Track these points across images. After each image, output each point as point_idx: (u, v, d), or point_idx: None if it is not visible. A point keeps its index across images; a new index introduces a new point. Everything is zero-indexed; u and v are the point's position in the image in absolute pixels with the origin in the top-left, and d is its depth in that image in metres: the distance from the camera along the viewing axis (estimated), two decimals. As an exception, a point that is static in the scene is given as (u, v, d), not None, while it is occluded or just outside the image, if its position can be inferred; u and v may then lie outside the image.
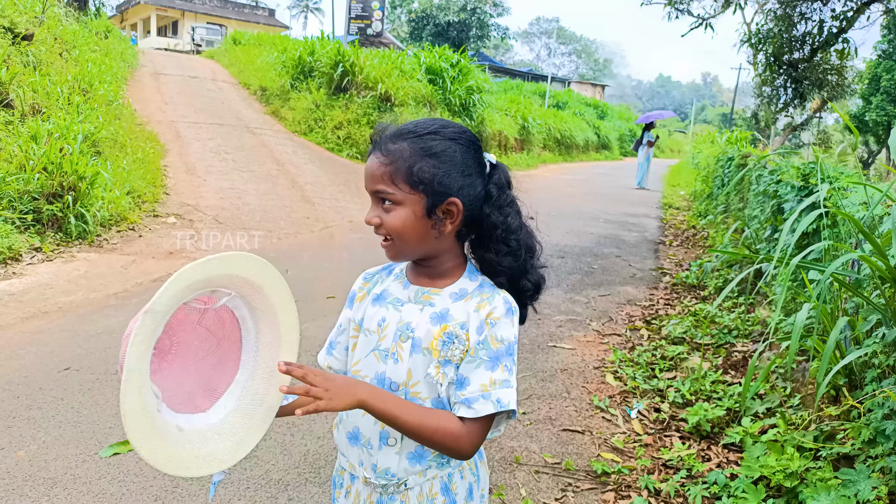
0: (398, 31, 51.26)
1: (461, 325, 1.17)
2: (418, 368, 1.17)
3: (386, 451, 1.20)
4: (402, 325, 1.19)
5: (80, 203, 6.13)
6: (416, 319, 1.19)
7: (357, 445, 1.23)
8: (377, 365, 1.21)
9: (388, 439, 1.20)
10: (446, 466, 1.24)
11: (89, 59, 11.10)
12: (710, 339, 4.36)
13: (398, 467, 1.20)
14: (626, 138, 34.39)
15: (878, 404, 2.22)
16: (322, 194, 9.46)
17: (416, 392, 1.18)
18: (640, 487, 2.66)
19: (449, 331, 1.16)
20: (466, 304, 1.19)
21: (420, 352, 1.17)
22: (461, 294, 1.20)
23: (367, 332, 1.23)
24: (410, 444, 1.19)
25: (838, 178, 3.61)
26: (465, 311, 1.18)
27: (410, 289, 1.23)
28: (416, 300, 1.21)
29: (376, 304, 1.24)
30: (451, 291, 1.21)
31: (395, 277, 1.27)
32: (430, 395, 1.18)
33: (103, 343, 3.81)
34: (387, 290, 1.25)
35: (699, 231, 9.21)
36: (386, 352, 1.20)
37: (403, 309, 1.21)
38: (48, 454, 2.64)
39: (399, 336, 1.19)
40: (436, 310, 1.19)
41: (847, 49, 14.74)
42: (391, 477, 1.21)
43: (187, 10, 40.95)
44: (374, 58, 14.70)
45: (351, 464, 1.25)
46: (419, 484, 1.22)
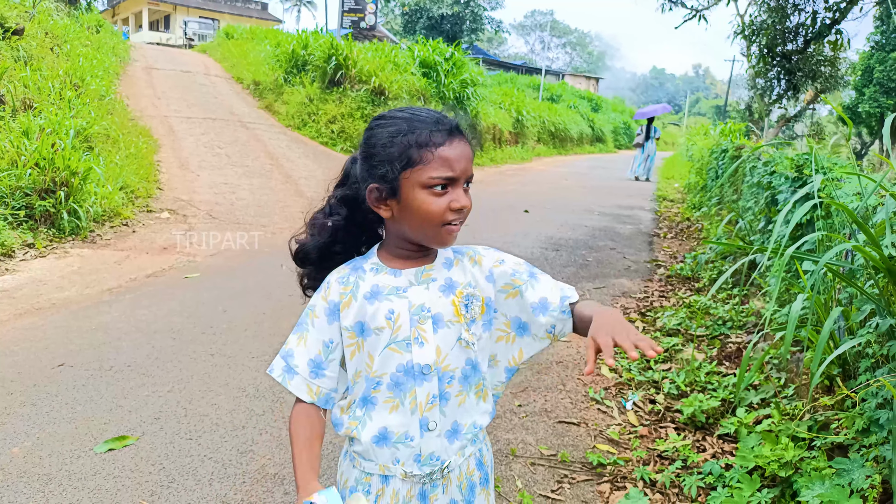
0: (392, 24, 51.06)
1: (469, 285, 1.26)
2: (446, 342, 1.21)
3: (427, 437, 1.22)
4: (416, 309, 1.20)
5: (73, 199, 6.09)
6: (427, 298, 1.21)
7: (388, 445, 1.22)
8: (398, 357, 1.20)
9: (429, 424, 1.22)
10: (478, 442, 1.30)
11: (81, 53, 11.03)
12: (704, 330, 4.37)
13: (441, 448, 1.23)
14: (620, 131, 34.42)
15: (872, 394, 2.22)
16: (316, 189, 9.43)
17: (446, 366, 1.22)
18: (636, 478, 2.67)
19: (465, 294, 1.24)
20: (459, 266, 1.27)
21: (444, 325, 1.21)
22: (448, 262, 1.27)
23: (377, 331, 1.20)
24: (447, 423, 1.23)
25: (832, 169, 3.61)
26: (464, 273, 1.27)
27: (404, 274, 1.23)
28: (419, 281, 1.23)
29: (373, 300, 1.21)
30: (440, 263, 1.26)
31: (373, 272, 1.24)
32: (459, 365, 1.23)
33: (97, 339, 3.79)
34: (377, 286, 1.22)
35: (693, 223, 9.22)
36: (406, 340, 1.20)
37: (409, 294, 1.21)
38: (42, 451, 2.63)
39: (417, 320, 1.20)
40: (440, 283, 1.23)
41: (840, 40, 14.76)
42: (436, 461, 1.23)
43: (179, 4, 40.71)
44: (367, 51, 14.66)
45: (382, 465, 1.23)
46: (458, 465, 1.26)
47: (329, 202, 1.29)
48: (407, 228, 1.20)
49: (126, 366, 3.45)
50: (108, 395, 3.11)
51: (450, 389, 1.23)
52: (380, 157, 1.16)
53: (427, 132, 1.14)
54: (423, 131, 1.14)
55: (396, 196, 1.16)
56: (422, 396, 1.21)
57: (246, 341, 3.91)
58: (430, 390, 1.21)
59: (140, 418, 2.92)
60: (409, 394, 1.21)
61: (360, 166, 1.22)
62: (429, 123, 1.16)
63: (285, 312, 4.43)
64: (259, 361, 3.62)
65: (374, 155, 1.17)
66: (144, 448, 2.69)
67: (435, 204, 1.14)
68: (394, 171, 1.15)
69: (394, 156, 1.14)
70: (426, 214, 1.15)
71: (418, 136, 1.14)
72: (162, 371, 3.43)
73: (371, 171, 1.18)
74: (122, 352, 3.63)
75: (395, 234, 1.24)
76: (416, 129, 1.14)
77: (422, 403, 1.21)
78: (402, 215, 1.18)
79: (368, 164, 1.18)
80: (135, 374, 3.37)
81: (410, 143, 1.14)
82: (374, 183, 1.17)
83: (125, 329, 3.97)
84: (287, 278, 1.16)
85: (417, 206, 1.15)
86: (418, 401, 1.21)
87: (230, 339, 3.92)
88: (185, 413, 3.01)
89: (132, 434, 2.79)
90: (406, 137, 1.14)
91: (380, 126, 1.18)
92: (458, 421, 1.25)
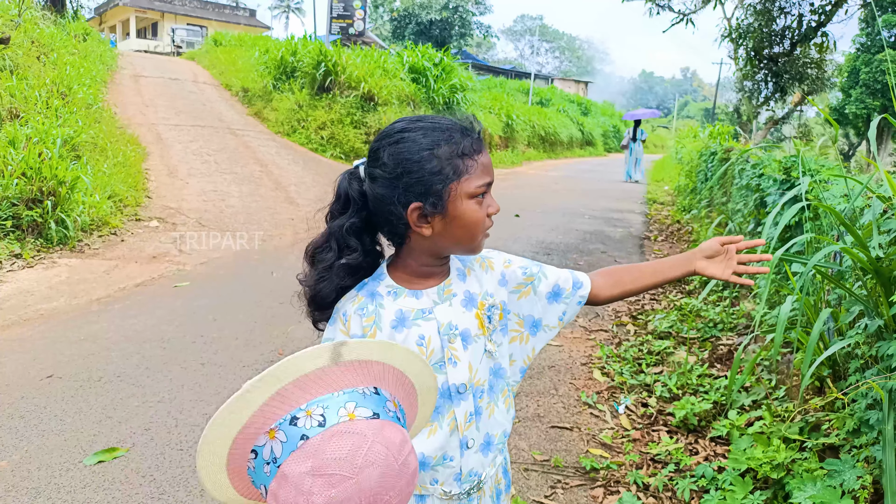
0: (380, 30, 51.12)
1: (488, 294, 1.24)
2: (475, 357, 1.20)
3: (467, 455, 1.21)
4: (445, 329, 1.18)
5: (61, 208, 6.05)
6: (453, 315, 1.19)
7: (426, 469, 1.20)
8: None
9: (468, 442, 1.21)
10: (504, 449, 1.31)
11: (67, 62, 10.97)
12: (695, 332, 4.38)
13: (479, 464, 1.23)
14: (610, 134, 34.56)
15: (862, 395, 2.23)
16: (306, 195, 9.41)
17: (478, 381, 1.21)
18: (629, 482, 2.67)
19: (487, 305, 1.23)
20: (472, 275, 1.25)
21: (472, 341, 1.20)
22: (461, 273, 1.25)
23: None
24: (481, 438, 1.22)
25: (819, 171, 3.64)
26: (479, 282, 1.25)
27: (426, 294, 1.19)
28: (441, 299, 1.20)
29: (400, 327, 1.17)
30: (455, 276, 1.23)
31: (392, 297, 1.18)
32: (486, 377, 1.22)
33: (86, 349, 3.76)
34: (401, 311, 1.17)
35: (683, 225, 9.26)
36: (440, 363, 1.17)
37: (435, 314, 1.18)
38: (31, 464, 2.60)
39: (447, 340, 1.18)
40: (460, 297, 1.21)
41: (826, 43, 14.88)
42: (475, 477, 1.23)
43: (167, 11, 40.62)
44: (356, 57, 14.66)
45: (420, 486, 1.22)
46: (490, 476, 1.26)
47: (335, 236, 1.17)
48: (449, 243, 1.15)
49: (115, 376, 3.42)
50: (98, 407, 3.08)
51: (482, 403, 1.22)
52: (419, 172, 1.08)
53: (468, 141, 1.11)
54: (461, 141, 1.11)
55: (442, 211, 1.10)
56: (461, 416, 1.19)
57: (237, 350, 3.89)
58: (467, 409, 1.20)
59: (130, 429, 2.90)
60: (448, 415, 1.19)
61: (383, 187, 1.11)
62: (460, 132, 1.12)
63: (276, 321, 4.41)
64: (251, 370, 3.60)
65: (410, 172, 1.09)
66: (135, 459, 2.67)
67: (479, 212, 1.12)
68: (443, 185, 1.09)
69: (437, 169, 1.09)
70: (474, 224, 1.13)
71: (461, 147, 1.11)
72: (152, 381, 3.40)
73: (409, 189, 1.09)
74: (112, 362, 3.60)
75: (422, 250, 1.17)
76: (454, 139, 1.11)
77: (461, 423, 1.19)
78: (446, 230, 1.12)
79: (402, 182, 1.09)
80: (124, 384, 3.34)
81: (454, 153, 1.10)
82: (416, 201, 1.09)
83: (114, 339, 3.94)
84: (278, 286, 1.14)
85: (467, 217, 1.11)
86: (458, 421, 1.19)
87: (221, 348, 3.90)
88: (176, 423, 2.98)
89: (122, 445, 2.76)
90: (443, 149, 1.09)
91: (405, 140, 1.10)
92: (489, 433, 1.24)
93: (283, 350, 3.91)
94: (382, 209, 1.13)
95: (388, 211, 1.12)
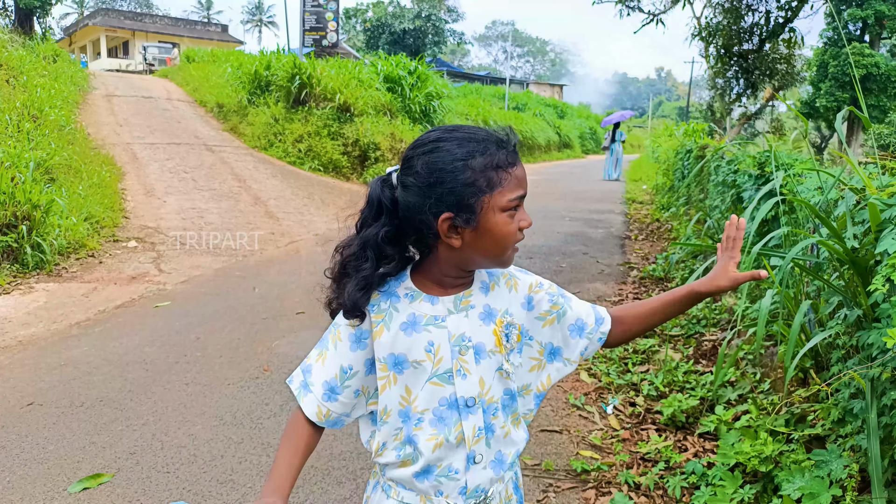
0: (354, 40, 51.15)
1: (507, 313, 1.21)
2: (489, 373, 1.18)
3: (474, 470, 1.19)
4: (456, 339, 1.16)
5: (36, 232, 5.96)
6: (468, 327, 1.17)
7: (430, 479, 1.18)
8: (440, 391, 1.16)
9: (475, 457, 1.19)
10: (515, 465, 1.29)
11: (38, 84, 10.85)
12: (679, 329, 4.41)
13: (487, 480, 1.21)
14: (587, 136, 34.84)
15: (845, 384, 2.26)
16: (286, 209, 9.37)
17: (489, 398, 1.19)
18: (620, 483, 2.67)
19: (505, 322, 1.20)
20: (496, 290, 1.22)
21: (486, 356, 1.17)
22: (485, 285, 1.22)
23: (416, 364, 1.15)
24: (491, 455, 1.21)
25: (793, 165, 3.69)
26: (501, 298, 1.22)
27: (441, 301, 1.17)
28: (457, 308, 1.17)
29: (410, 331, 1.15)
30: (477, 288, 1.20)
31: (408, 299, 1.17)
32: (499, 395, 1.20)
33: (67, 374, 3.70)
34: (414, 314, 1.16)
35: (663, 224, 9.34)
36: (448, 373, 1.15)
37: (448, 323, 1.16)
38: (14, 494, 2.55)
39: (458, 351, 1.16)
40: (478, 310, 1.18)
41: (794, 38, 15.14)
42: (481, 493, 1.21)
43: (138, 29, 40.33)
44: (331, 68, 14.63)
45: (424, 496, 1.20)
46: (498, 491, 1.24)
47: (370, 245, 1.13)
48: (478, 255, 1.13)
49: (98, 401, 3.37)
50: (81, 433, 3.03)
51: (495, 421, 1.20)
52: (452, 183, 1.07)
53: (502, 154, 1.09)
54: (496, 153, 1.09)
55: (474, 223, 1.08)
56: (468, 430, 1.17)
57: (221, 368, 3.84)
58: (476, 423, 1.18)
59: (115, 454, 2.85)
60: (455, 427, 1.16)
61: (415, 195, 1.09)
62: (496, 143, 1.10)
63: (260, 336, 4.37)
64: (236, 388, 3.56)
65: (443, 182, 1.07)
66: (121, 485, 2.62)
67: (511, 225, 1.10)
68: (476, 196, 1.07)
69: (471, 180, 1.07)
70: (505, 238, 1.11)
71: (496, 159, 1.08)
72: (136, 404, 3.35)
73: (441, 199, 1.07)
74: (94, 386, 3.55)
75: (449, 261, 1.15)
76: (489, 151, 1.08)
77: (469, 437, 1.17)
78: (476, 242, 1.10)
79: (434, 192, 1.07)
80: (108, 408, 3.29)
81: (489, 165, 1.08)
82: (448, 211, 1.07)
83: (96, 363, 3.89)
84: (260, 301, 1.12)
85: (496, 229, 1.09)
86: (466, 435, 1.17)
87: (205, 367, 3.85)
88: (162, 446, 2.94)
89: (107, 471, 2.72)
90: (479, 160, 1.07)
91: (439, 150, 1.09)
92: (502, 451, 1.22)
93: (269, 366, 3.88)
94: (412, 218, 1.10)
95: (419, 220, 1.10)
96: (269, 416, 3.26)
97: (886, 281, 1.87)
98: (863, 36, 29.01)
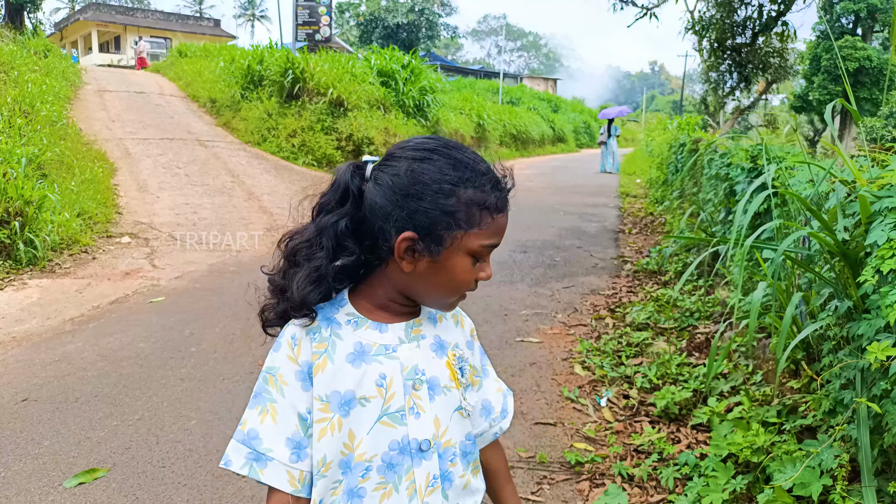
0: (347, 35, 50.96)
1: (457, 346, 1.10)
2: (445, 412, 1.05)
3: None
4: (409, 372, 1.02)
5: (29, 228, 5.94)
6: (420, 358, 1.04)
7: None
8: (391, 432, 1.00)
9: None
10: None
11: (29, 79, 10.78)
12: (673, 322, 4.43)
13: None
14: (581, 130, 34.85)
15: (836, 375, 2.28)
16: (280, 204, 9.35)
17: (447, 441, 1.05)
18: (614, 474, 2.69)
19: (457, 356, 1.09)
20: (444, 323, 1.11)
21: (441, 392, 1.05)
22: (432, 316, 1.10)
23: (363, 402, 0.99)
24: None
25: (784, 158, 3.70)
26: (449, 331, 1.11)
27: (391, 329, 1.04)
28: (409, 338, 1.04)
29: (358, 362, 1.00)
30: (425, 317, 1.09)
31: (351, 326, 1.03)
32: (459, 438, 1.07)
33: (61, 370, 3.70)
34: (361, 343, 1.01)
35: (657, 217, 9.36)
36: (400, 411, 1.01)
37: (400, 354, 1.02)
38: (9, 489, 2.55)
39: (411, 385, 1.02)
40: (430, 340, 1.07)
41: (787, 31, 15.15)
42: None
43: (129, 24, 40.04)
44: (324, 63, 14.58)
45: None
46: None
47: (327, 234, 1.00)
48: (423, 289, 1.02)
49: (93, 396, 3.37)
50: (76, 428, 3.03)
51: (453, 469, 1.05)
52: (430, 203, 0.95)
53: (494, 194, 0.98)
54: (490, 192, 0.98)
55: (435, 254, 0.96)
56: (421, 478, 1.02)
57: (216, 363, 3.85)
58: (430, 470, 1.03)
59: (110, 449, 2.86)
60: (407, 476, 1.01)
61: (385, 197, 0.97)
62: (493, 181, 0.99)
63: (255, 332, 4.35)
64: (230, 383, 3.57)
65: (421, 197, 0.95)
66: (116, 479, 2.63)
67: (470, 273, 0.99)
68: (449, 229, 0.95)
69: (452, 209, 0.95)
70: (457, 282, 1.00)
71: (484, 196, 0.97)
72: (130, 399, 3.35)
73: (411, 216, 0.95)
74: (88, 382, 3.55)
75: (396, 284, 1.03)
76: (479, 185, 0.97)
77: (421, 487, 1.02)
78: (429, 275, 0.99)
79: (408, 204, 0.95)
80: (102, 404, 3.29)
81: (477, 201, 0.96)
82: (413, 232, 0.95)
83: (90, 359, 3.88)
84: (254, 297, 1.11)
85: (455, 271, 0.98)
86: (417, 484, 1.01)
87: (199, 363, 3.85)
88: (157, 441, 2.95)
89: (102, 466, 2.72)
90: (469, 192, 0.96)
91: (431, 161, 0.97)
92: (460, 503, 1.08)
93: (263, 361, 3.88)
94: (373, 220, 0.98)
95: (378, 226, 0.98)
96: None
97: (876, 272, 1.89)
98: (855, 29, 29.11)
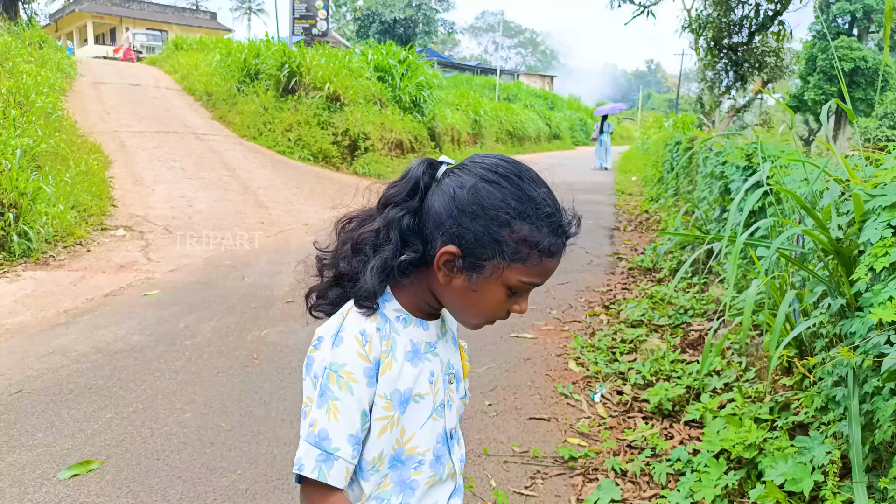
0: (344, 29, 50.85)
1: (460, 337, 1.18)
2: (457, 401, 1.12)
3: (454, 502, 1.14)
4: (446, 368, 1.07)
5: (23, 220, 5.92)
6: (451, 353, 1.10)
7: None
8: (437, 426, 1.05)
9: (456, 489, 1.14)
10: None
11: (24, 70, 10.72)
12: (667, 319, 4.45)
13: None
14: (577, 128, 34.87)
15: (828, 372, 2.30)
16: (275, 198, 9.34)
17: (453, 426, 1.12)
18: (607, 469, 2.71)
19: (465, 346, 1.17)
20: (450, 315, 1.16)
21: (461, 383, 1.13)
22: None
23: (419, 398, 1.01)
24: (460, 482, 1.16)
25: (779, 157, 3.72)
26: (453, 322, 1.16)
27: (431, 326, 1.05)
28: (442, 334, 1.08)
29: (416, 361, 1.01)
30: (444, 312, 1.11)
31: (402, 323, 1.02)
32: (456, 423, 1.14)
33: (56, 363, 3.69)
34: (413, 342, 1.02)
35: (652, 215, 9.39)
36: (441, 405, 1.06)
37: (438, 350, 1.06)
38: (3, 481, 2.55)
39: (448, 380, 1.08)
40: (450, 335, 1.13)
41: (783, 31, 15.17)
42: None
43: (125, 16, 39.82)
44: (321, 57, 14.55)
45: None
46: None
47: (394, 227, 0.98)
48: (452, 301, 1.01)
49: (87, 388, 3.37)
50: (70, 420, 3.03)
51: (461, 450, 1.14)
52: (482, 226, 0.93)
53: (550, 238, 0.95)
54: (547, 235, 0.95)
55: (473, 277, 0.95)
56: (456, 462, 1.10)
57: (210, 357, 3.85)
58: (461, 452, 1.13)
59: (104, 441, 2.86)
60: (448, 464, 1.08)
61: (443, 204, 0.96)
62: (552, 223, 0.96)
63: (250, 325, 4.37)
64: (225, 376, 3.57)
65: (475, 217, 0.93)
66: (110, 471, 2.63)
67: (502, 303, 0.98)
68: (493, 258, 0.94)
69: (500, 238, 0.93)
70: (487, 310, 0.99)
71: (538, 237, 0.94)
72: (124, 392, 3.35)
73: (461, 232, 0.94)
74: (83, 374, 3.54)
75: (429, 287, 1.02)
76: (539, 225, 0.95)
77: (457, 469, 1.11)
78: (460, 292, 0.98)
79: (461, 219, 0.94)
80: (96, 396, 3.29)
81: (527, 238, 0.94)
82: (456, 247, 0.94)
83: (84, 351, 3.88)
84: (249, 291, 1.10)
85: (487, 297, 0.97)
86: (456, 468, 1.10)
87: (194, 356, 3.85)
88: (151, 433, 2.95)
89: (97, 458, 2.72)
90: (525, 228, 0.94)
91: (497, 186, 0.95)
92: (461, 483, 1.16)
93: (258, 355, 3.88)
94: (426, 221, 0.97)
95: (430, 228, 0.97)
96: (259, 404, 3.27)
97: (869, 270, 1.90)
98: (851, 29, 29.19)
